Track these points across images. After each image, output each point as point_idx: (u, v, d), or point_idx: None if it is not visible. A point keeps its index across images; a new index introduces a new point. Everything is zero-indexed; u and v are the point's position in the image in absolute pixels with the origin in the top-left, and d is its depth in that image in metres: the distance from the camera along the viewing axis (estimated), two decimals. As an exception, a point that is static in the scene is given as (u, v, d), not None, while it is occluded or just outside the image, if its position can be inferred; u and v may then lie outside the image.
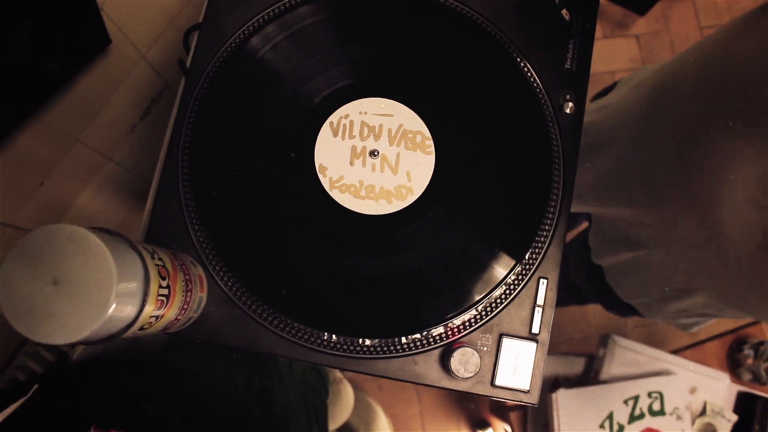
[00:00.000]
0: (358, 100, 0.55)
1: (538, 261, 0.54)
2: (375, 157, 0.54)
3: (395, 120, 0.55)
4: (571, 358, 1.21)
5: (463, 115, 0.57)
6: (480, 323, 0.53)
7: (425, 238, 0.53)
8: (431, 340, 0.52)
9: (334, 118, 0.55)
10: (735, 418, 1.09)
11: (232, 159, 0.55)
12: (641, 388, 1.10)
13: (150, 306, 0.38)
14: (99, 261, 0.33)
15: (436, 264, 0.53)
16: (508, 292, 0.53)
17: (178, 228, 0.54)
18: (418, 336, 0.52)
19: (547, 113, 0.56)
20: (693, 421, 1.12)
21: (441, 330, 0.52)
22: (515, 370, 0.52)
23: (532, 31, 0.58)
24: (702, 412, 1.12)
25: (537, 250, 0.54)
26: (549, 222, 0.54)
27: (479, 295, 0.52)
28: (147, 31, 0.79)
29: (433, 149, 0.55)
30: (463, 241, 0.54)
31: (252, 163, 0.55)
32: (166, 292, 0.40)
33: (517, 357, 0.52)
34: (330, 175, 0.54)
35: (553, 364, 1.19)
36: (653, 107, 0.68)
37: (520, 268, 0.53)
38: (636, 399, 1.09)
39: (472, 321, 0.52)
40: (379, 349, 0.52)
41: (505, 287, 0.53)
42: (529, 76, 0.57)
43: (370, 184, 0.54)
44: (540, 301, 0.53)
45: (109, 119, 0.80)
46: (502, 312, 0.53)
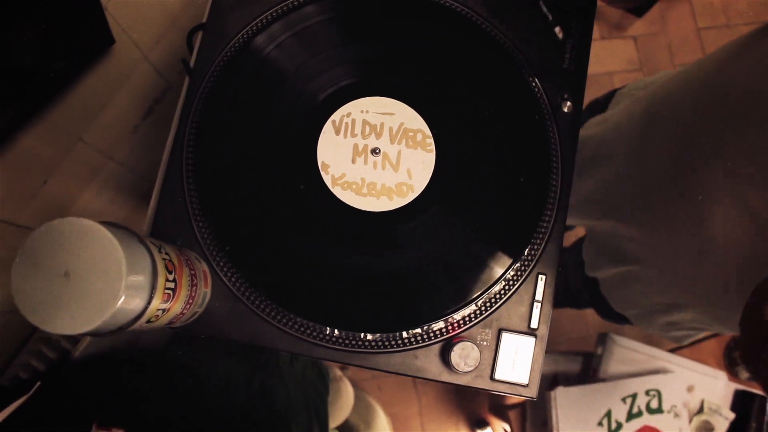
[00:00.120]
0: (359, 99, 0.56)
1: (537, 257, 0.54)
2: (376, 155, 0.55)
3: (396, 119, 0.56)
4: (570, 356, 1.22)
5: (463, 113, 0.58)
6: (480, 318, 0.53)
7: (426, 234, 0.54)
8: (432, 334, 0.53)
9: (336, 116, 0.56)
10: (732, 416, 1.10)
11: (235, 157, 0.56)
12: (639, 386, 1.10)
13: (157, 299, 0.39)
14: (109, 254, 0.33)
15: (437, 260, 0.54)
16: (507, 287, 0.54)
17: (182, 225, 0.55)
18: (418, 331, 0.53)
19: (546, 112, 0.57)
20: (690, 419, 1.12)
21: (441, 325, 0.53)
22: (514, 365, 0.53)
23: (531, 31, 0.59)
24: (699, 410, 1.12)
25: (536, 247, 0.54)
26: (547, 219, 0.55)
27: (479, 290, 0.53)
28: (150, 32, 0.79)
29: (433, 147, 0.56)
30: (463, 237, 0.55)
31: (255, 161, 0.56)
32: (173, 286, 0.41)
33: (516, 351, 0.53)
34: (332, 172, 0.55)
35: (552, 363, 1.20)
36: (649, 124, 0.68)
37: (519, 264, 0.54)
38: (634, 397, 1.09)
39: (472, 316, 0.53)
40: (380, 343, 0.52)
41: (504, 283, 0.54)
42: (528, 75, 0.58)
43: (371, 181, 0.55)
44: (539, 296, 0.54)
45: (112, 119, 0.80)
46: (502, 307, 0.54)
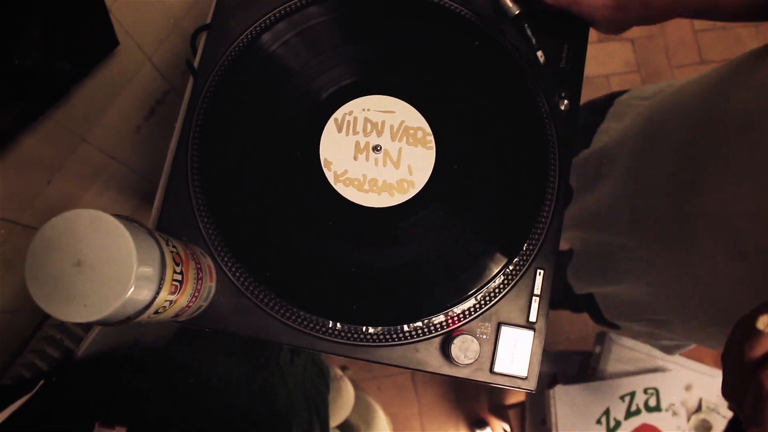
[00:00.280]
0: (361, 98, 0.57)
1: (535, 252, 0.55)
2: (378, 152, 0.56)
3: (397, 117, 0.57)
4: (569, 355, 1.23)
5: (463, 111, 0.59)
6: (479, 312, 0.54)
7: (426, 229, 0.55)
8: (432, 328, 0.54)
9: (338, 114, 0.57)
10: (730, 414, 1.11)
11: (239, 155, 0.57)
12: (637, 384, 1.11)
13: (165, 290, 0.40)
14: (120, 244, 0.34)
15: (437, 254, 0.55)
16: (506, 282, 0.55)
17: (187, 221, 0.56)
18: (419, 324, 0.54)
19: (544, 110, 0.58)
20: (689, 418, 1.13)
21: (442, 318, 0.54)
22: (513, 358, 0.54)
23: (529, 31, 0.60)
24: (698, 409, 1.13)
25: (534, 242, 0.55)
26: (545, 214, 0.56)
27: (478, 284, 0.54)
28: (153, 34, 0.80)
29: (433, 144, 0.57)
30: (463, 233, 0.56)
31: (259, 158, 0.57)
32: (180, 278, 0.42)
33: (515, 345, 0.54)
34: (335, 169, 0.56)
35: (551, 361, 1.21)
36: (648, 142, 0.68)
37: (518, 259, 0.55)
38: (632, 395, 1.10)
39: (472, 310, 0.54)
40: (382, 337, 0.53)
41: (503, 277, 0.55)
42: (526, 74, 0.59)
43: (373, 177, 0.56)
44: (537, 290, 0.55)
45: (115, 120, 0.81)
46: (501, 301, 0.55)
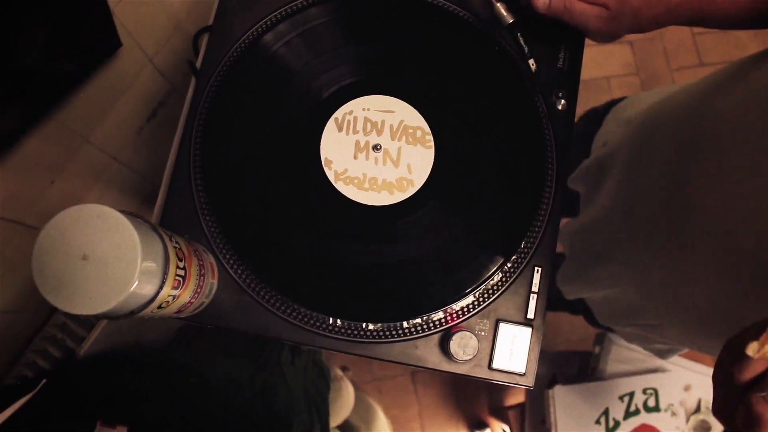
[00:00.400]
0: (361, 98, 0.58)
1: (533, 250, 0.56)
2: (377, 151, 0.57)
3: (397, 116, 0.58)
4: (568, 356, 1.23)
5: (461, 111, 0.60)
6: (478, 309, 0.55)
7: (425, 227, 0.56)
8: (431, 325, 0.54)
9: (338, 114, 0.58)
10: (729, 414, 1.11)
11: (241, 153, 0.58)
12: (636, 384, 1.11)
13: (168, 284, 0.40)
14: (126, 239, 0.35)
15: (436, 252, 0.55)
16: (504, 279, 0.55)
17: (189, 219, 0.56)
18: (419, 321, 0.54)
19: (541, 109, 0.59)
20: (688, 418, 1.13)
21: (441, 315, 0.54)
22: (511, 354, 0.54)
23: (527, 32, 0.60)
24: (697, 409, 1.13)
25: (532, 239, 0.56)
26: (543, 212, 0.57)
27: (477, 282, 0.54)
28: (155, 36, 0.81)
29: (432, 143, 0.57)
30: (461, 230, 0.56)
31: (261, 157, 0.58)
32: (183, 274, 0.43)
33: (513, 341, 0.55)
34: (335, 168, 0.56)
35: (550, 362, 1.21)
36: (642, 145, 0.69)
37: (516, 257, 0.56)
38: (631, 395, 1.10)
39: (471, 307, 0.55)
40: (381, 333, 0.54)
41: (501, 275, 0.55)
42: (524, 74, 0.60)
43: (373, 176, 0.56)
44: (535, 288, 0.56)
45: (117, 121, 0.81)
46: (499, 298, 0.55)
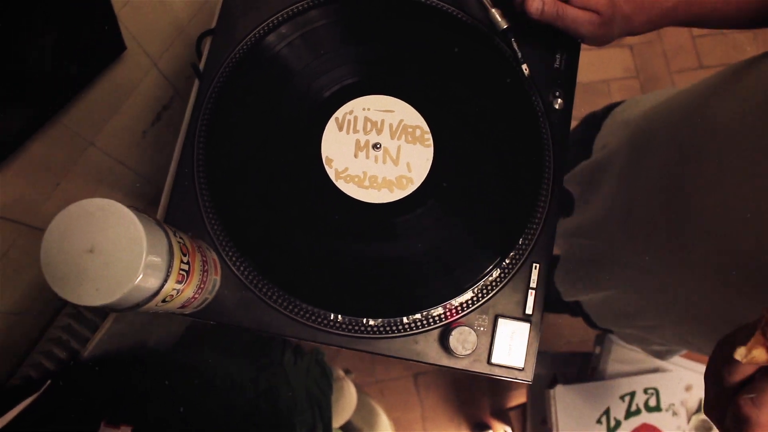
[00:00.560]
0: (361, 98, 0.59)
1: (531, 246, 0.57)
2: (377, 149, 0.58)
3: (396, 115, 0.59)
4: (569, 356, 1.24)
5: (459, 110, 0.61)
6: (477, 305, 0.56)
7: (425, 224, 0.56)
8: (431, 320, 0.55)
9: (339, 114, 0.59)
10: (730, 414, 1.11)
11: (244, 152, 0.59)
12: (637, 384, 1.11)
13: (172, 278, 0.41)
14: (131, 232, 0.36)
15: (436, 248, 0.56)
16: (503, 275, 0.56)
17: (193, 218, 0.57)
18: (418, 316, 0.55)
19: (538, 108, 0.60)
20: (689, 418, 1.13)
21: (440, 311, 0.55)
22: (510, 349, 0.55)
23: (524, 33, 0.61)
24: (698, 409, 1.13)
25: (529, 236, 0.57)
26: (541, 209, 0.57)
27: (476, 277, 0.55)
28: (159, 40, 0.82)
29: (431, 142, 0.58)
30: (460, 227, 0.57)
31: (263, 156, 0.59)
32: (187, 268, 0.44)
33: (512, 337, 0.55)
34: (336, 166, 0.57)
35: (551, 362, 1.21)
36: (639, 149, 0.69)
37: (514, 253, 0.56)
38: (632, 395, 1.11)
39: (470, 302, 0.56)
40: (382, 329, 0.55)
41: (500, 271, 0.56)
42: (521, 73, 0.61)
43: (373, 174, 0.57)
44: (533, 284, 0.57)
45: (122, 124, 0.82)
46: (498, 294, 0.56)
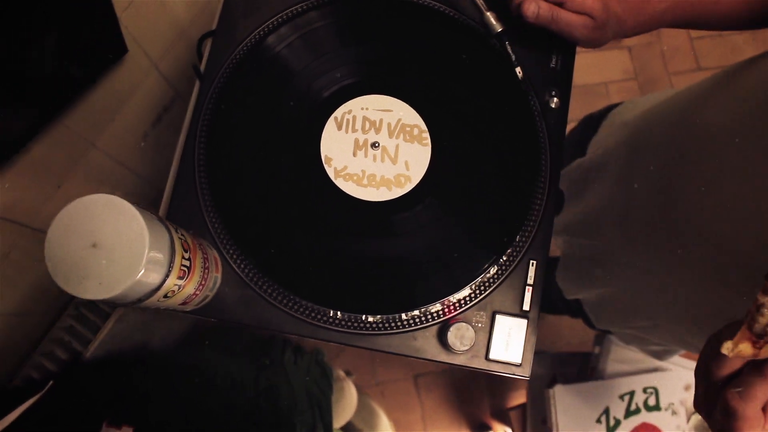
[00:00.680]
0: (360, 97, 0.60)
1: (528, 243, 0.58)
2: (376, 148, 0.59)
3: (394, 115, 0.60)
4: (568, 356, 1.24)
5: (457, 109, 0.61)
6: (475, 301, 0.56)
7: (423, 222, 0.57)
8: (429, 316, 0.56)
9: (338, 113, 0.60)
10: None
11: (244, 151, 0.60)
12: (637, 383, 1.12)
13: (174, 274, 0.42)
14: (134, 228, 0.37)
15: (434, 245, 0.57)
16: (500, 272, 0.57)
17: (194, 217, 0.58)
18: (417, 313, 0.56)
19: (535, 107, 0.61)
20: (688, 418, 1.14)
21: (438, 307, 0.56)
22: (508, 345, 0.56)
23: (520, 33, 0.62)
24: (697, 409, 1.14)
25: (526, 233, 0.58)
26: (537, 207, 0.58)
27: (473, 274, 0.56)
28: (160, 42, 0.83)
29: (429, 141, 0.59)
30: (458, 225, 0.58)
31: (263, 155, 0.59)
32: (188, 264, 0.44)
33: (509, 333, 0.56)
34: (335, 165, 0.58)
35: (551, 362, 1.22)
36: (635, 150, 0.70)
37: (511, 250, 0.57)
38: (631, 394, 1.11)
39: (467, 299, 0.56)
40: (381, 325, 0.55)
41: (497, 267, 0.57)
42: (518, 73, 0.62)
43: (371, 173, 0.58)
44: (530, 281, 0.57)
45: (123, 126, 0.83)
46: (495, 291, 0.57)
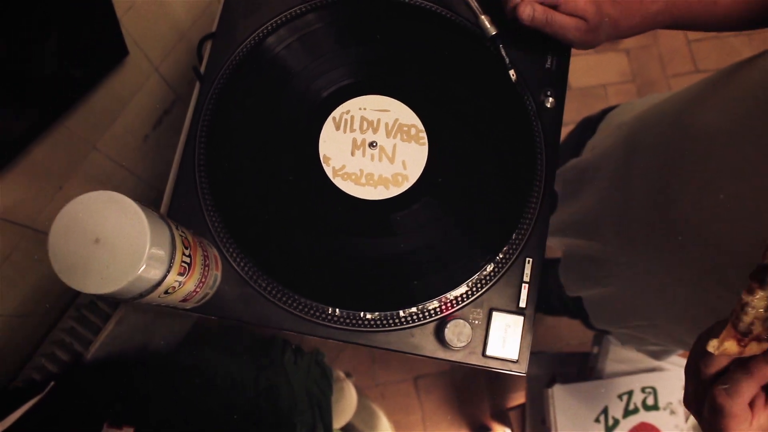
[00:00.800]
0: (358, 98, 0.61)
1: (524, 241, 0.58)
2: (374, 148, 0.60)
3: (392, 115, 0.61)
4: (567, 356, 1.24)
5: (454, 109, 0.62)
6: (472, 298, 0.57)
7: (420, 220, 0.58)
8: (427, 314, 0.56)
9: (336, 113, 0.60)
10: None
11: (243, 151, 0.60)
12: (635, 383, 1.12)
13: (174, 270, 0.43)
14: (136, 224, 0.38)
15: (431, 243, 0.58)
16: (497, 269, 0.58)
17: (194, 217, 0.59)
18: (414, 310, 0.56)
19: (530, 107, 0.61)
20: (687, 417, 1.14)
21: (436, 304, 0.56)
22: (504, 342, 0.56)
23: (516, 35, 0.63)
24: (696, 408, 1.14)
25: (522, 231, 0.58)
26: (533, 205, 0.59)
27: (470, 272, 0.57)
28: (160, 45, 0.83)
29: (426, 140, 0.60)
30: (455, 223, 0.59)
31: (262, 155, 0.60)
32: (188, 261, 0.45)
33: (506, 330, 0.57)
34: (333, 164, 0.59)
35: (550, 362, 1.22)
36: (631, 151, 0.71)
37: (507, 248, 0.58)
38: (630, 394, 1.12)
39: (464, 296, 0.57)
40: (379, 322, 0.56)
41: (494, 265, 0.57)
42: (512, 76, 0.63)
43: (369, 172, 0.59)
44: (526, 278, 0.58)
45: (124, 128, 0.84)
46: (492, 288, 0.57)
